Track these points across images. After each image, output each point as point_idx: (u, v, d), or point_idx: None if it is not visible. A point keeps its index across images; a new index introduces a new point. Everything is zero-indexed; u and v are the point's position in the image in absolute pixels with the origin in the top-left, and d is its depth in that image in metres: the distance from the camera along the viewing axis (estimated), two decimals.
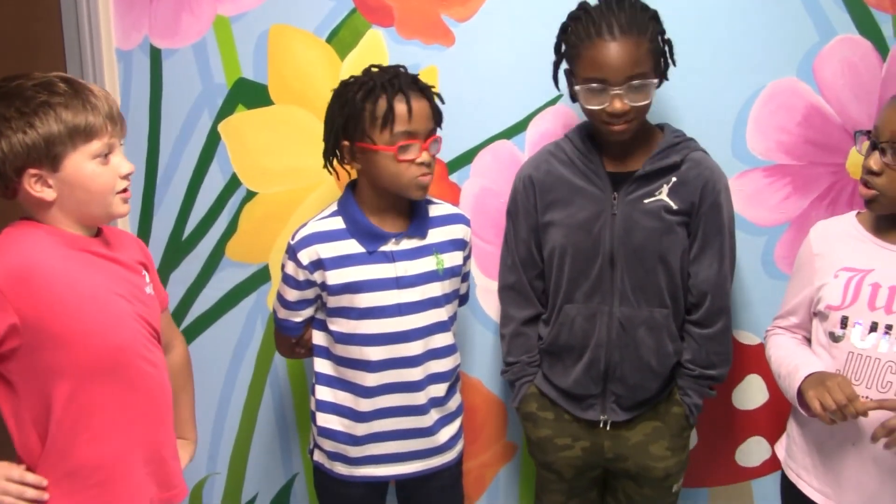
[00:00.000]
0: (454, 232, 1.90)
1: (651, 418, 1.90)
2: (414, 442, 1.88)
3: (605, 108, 1.72)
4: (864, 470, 1.67)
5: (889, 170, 1.60)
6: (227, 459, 2.38)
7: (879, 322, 1.65)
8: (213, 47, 2.15)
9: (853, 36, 1.99)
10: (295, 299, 1.87)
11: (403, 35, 2.09)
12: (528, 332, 1.96)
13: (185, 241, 2.26)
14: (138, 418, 1.55)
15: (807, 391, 1.63)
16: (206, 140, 2.20)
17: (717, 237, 1.84)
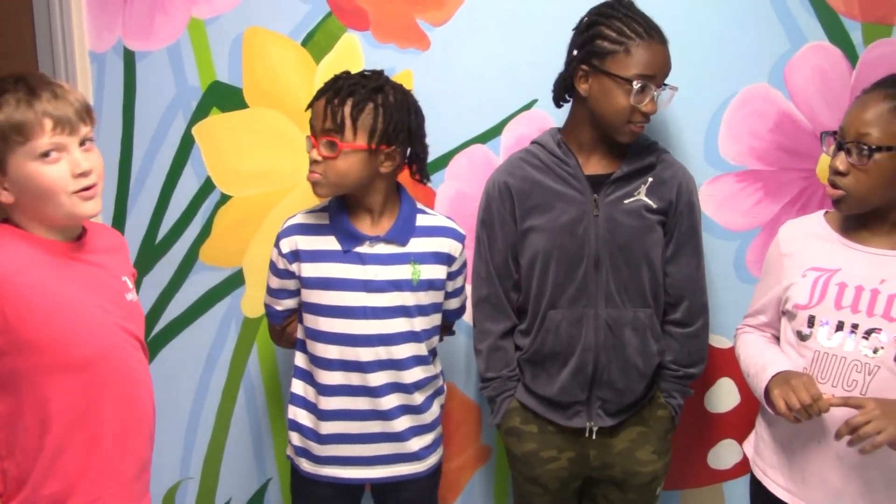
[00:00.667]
0: (439, 245, 1.87)
1: (635, 423, 1.91)
2: (382, 446, 1.87)
3: (641, 106, 1.75)
4: (828, 467, 1.70)
5: (855, 170, 1.63)
6: (201, 464, 2.36)
7: (845, 321, 1.68)
8: (187, 50, 2.14)
9: (823, 43, 2.02)
10: (276, 287, 1.89)
11: (379, 39, 2.09)
12: (505, 346, 1.95)
13: (158, 245, 2.24)
14: (119, 433, 1.52)
15: (772, 390, 1.66)
16: (179, 143, 2.18)
17: (692, 236, 1.88)
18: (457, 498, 2.33)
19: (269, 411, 2.32)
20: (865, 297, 1.67)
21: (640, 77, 1.73)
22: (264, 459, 2.35)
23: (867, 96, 1.66)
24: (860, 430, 1.54)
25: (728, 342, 2.17)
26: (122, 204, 2.23)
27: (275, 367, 2.28)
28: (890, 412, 1.55)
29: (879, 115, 1.61)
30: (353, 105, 1.73)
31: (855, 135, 1.63)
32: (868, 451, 1.55)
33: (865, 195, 1.65)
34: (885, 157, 1.61)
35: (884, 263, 1.68)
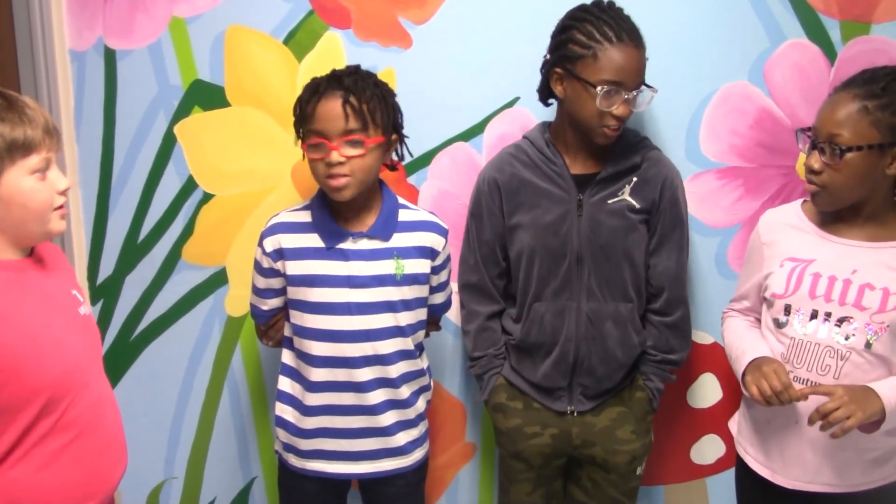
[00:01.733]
0: (422, 239, 1.88)
1: (616, 404, 1.96)
2: (368, 441, 1.89)
3: (612, 111, 1.76)
4: (806, 447, 1.77)
5: (828, 168, 1.67)
6: (185, 463, 2.36)
7: (819, 310, 1.74)
8: (168, 48, 2.13)
9: (802, 41, 2.03)
10: (262, 287, 1.90)
11: (361, 37, 2.09)
12: (492, 327, 2.01)
13: (140, 244, 2.23)
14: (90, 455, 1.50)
15: (745, 376, 1.74)
16: (161, 142, 2.18)
17: (675, 230, 1.92)
18: (441, 495, 2.34)
19: (254, 410, 2.32)
20: (838, 287, 1.73)
21: (607, 83, 1.74)
22: (249, 458, 2.35)
23: (838, 96, 1.69)
24: (830, 416, 1.61)
25: (710, 338, 2.18)
26: (103, 203, 2.22)
27: (259, 366, 2.28)
28: (858, 398, 1.63)
29: (849, 115, 1.65)
30: (369, 100, 1.75)
31: (827, 135, 1.67)
32: (839, 435, 1.62)
33: (839, 192, 1.70)
34: (857, 156, 1.65)
35: (856, 255, 1.74)
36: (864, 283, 1.71)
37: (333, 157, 1.73)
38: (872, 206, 1.73)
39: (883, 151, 1.65)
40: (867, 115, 1.64)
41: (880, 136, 1.64)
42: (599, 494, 2.01)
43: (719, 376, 2.21)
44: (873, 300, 1.70)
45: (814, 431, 1.72)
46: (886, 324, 1.69)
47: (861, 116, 1.64)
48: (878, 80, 1.66)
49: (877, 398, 1.64)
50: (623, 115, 1.77)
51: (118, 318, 2.28)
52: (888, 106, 1.63)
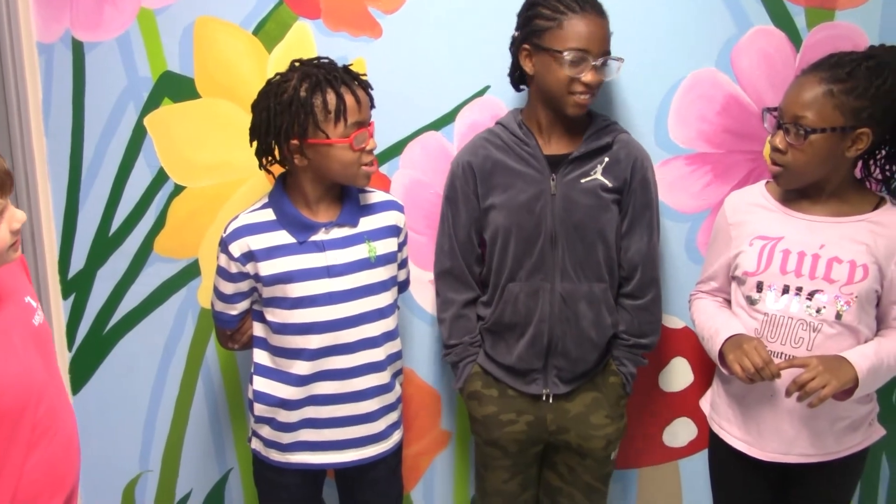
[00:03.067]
0: (387, 219, 1.91)
1: (590, 389, 1.98)
2: (353, 429, 1.89)
3: (580, 77, 1.80)
4: (781, 419, 1.83)
5: (792, 149, 1.73)
6: (160, 457, 2.35)
7: (790, 285, 1.80)
8: (137, 40, 2.12)
9: (768, 27, 2.06)
10: (231, 292, 1.88)
11: (330, 27, 2.09)
12: (468, 314, 2.02)
13: (111, 237, 2.22)
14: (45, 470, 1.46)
15: (727, 355, 1.79)
16: (131, 134, 2.17)
17: (646, 212, 1.94)
18: (417, 483, 2.36)
19: (229, 402, 2.32)
20: (807, 262, 1.79)
21: (574, 49, 1.78)
22: (224, 450, 2.35)
23: (804, 78, 1.74)
24: (807, 387, 1.67)
25: (681, 322, 2.21)
26: (73, 197, 2.20)
27: (233, 358, 2.28)
28: (832, 367, 1.69)
29: (814, 98, 1.70)
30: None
31: (792, 116, 1.72)
32: (815, 404, 1.68)
33: (802, 171, 1.76)
34: (820, 138, 1.70)
35: (822, 230, 1.80)
36: (831, 256, 1.77)
37: (372, 143, 1.81)
38: (834, 185, 1.80)
39: (845, 134, 1.71)
40: (832, 99, 1.69)
41: (843, 120, 1.69)
42: (575, 480, 2.03)
43: (690, 360, 2.23)
44: (841, 273, 1.77)
45: (789, 403, 1.79)
46: (855, 294, 1.76)
47: (826, 100, 1.69)
48: (843, 65, 1.71)
49: (850, 366, 1.71)
50: (591, 81, 1.81)
51: (90, 311, 2.27)
52: (852, 91, 1.68)
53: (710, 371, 2.11)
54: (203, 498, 2.38)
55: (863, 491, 2.29)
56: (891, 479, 2.29)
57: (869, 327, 1.82)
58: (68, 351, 2.30)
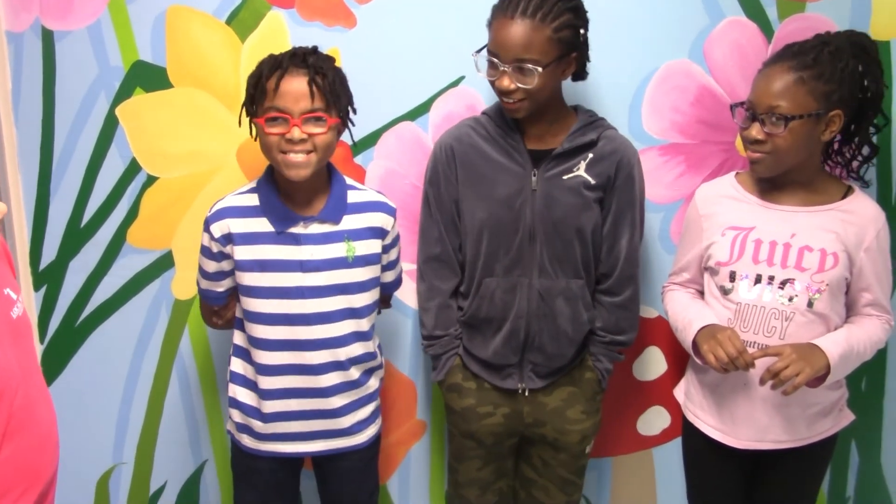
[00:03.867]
0: (372, 220, 1.88)
1: (566, 384, 1.98)
2: (317, 423, 1.90)
3: (494, 81, 1.79)
4: (755, 408, 1.87)
5: (773, 137, 1.75)
6: (134, 449, 2.34)
7: (763, 274, 1.83)
8: (108, 29, 2.09)
9: (740, 18, 2.07)
10: (214, 270, 1.88)
11: (304, 17, 2.08)
12: (452, 305, 2.01)
13: (83, 228, 2.20)
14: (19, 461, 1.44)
15: (701, 345, 1.81)
16: (103, 124, 2.14)
17: (629, 209, 1.93)
18: (394, 473, 2.36)
19: (204, 393, 2.31)
20: (779, 252, 1.83)
21: (488, 52, 1.78)
22: (199, 441, 2.34)
23: (771, 69, 1.77)
24: (781, 375, 1.70)
25: (655, 311, 2.23)
26: (44, 187, 2.18)
27: (207, 349, 2.27)
28: (805, 355, 1.73)
29: (787, 87, 1.73)
30: (332, 81, 1.76)
31: (767, 107, 1.75)
32: (790, 392, 1.71)
33: (783, 158, 1.78)
34: (798, 124, 1.74)
35: (793, 219, 1.84)
36: (802, 245, 1.81)
37: (295, 133, 1.72)
38: (805, 173, 1.83)
39: (819, 119, 1.75)
40: (804, 85, 1.73)
41: (816, 105, 1.73)
42: (549, 473, 2.04)
43: (664, 349, 2.25)
44: (812, 261, 1.80)
45: (762, 391, 1.82)
46: (826, 282, 1.80)
47: (798, 87, 1.73)
48: (807, 51, 1.75)
49: (822, 354, 1.75)
50: (501, 87, 1.77)
51: (62, 303, 2.25)
52: (821, 76, 1.73)
53: (684, 360, 2.13)
54: (178, 490, 2.38)
55: (833, 477, 2.33)
56: (860, 465, 2.33)
57: (839, 314, 1.86)
58: (40, 343, 2.28)
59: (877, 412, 2.28)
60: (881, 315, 1.88)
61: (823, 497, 2.34)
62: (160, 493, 2.38)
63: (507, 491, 2.11)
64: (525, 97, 1.78)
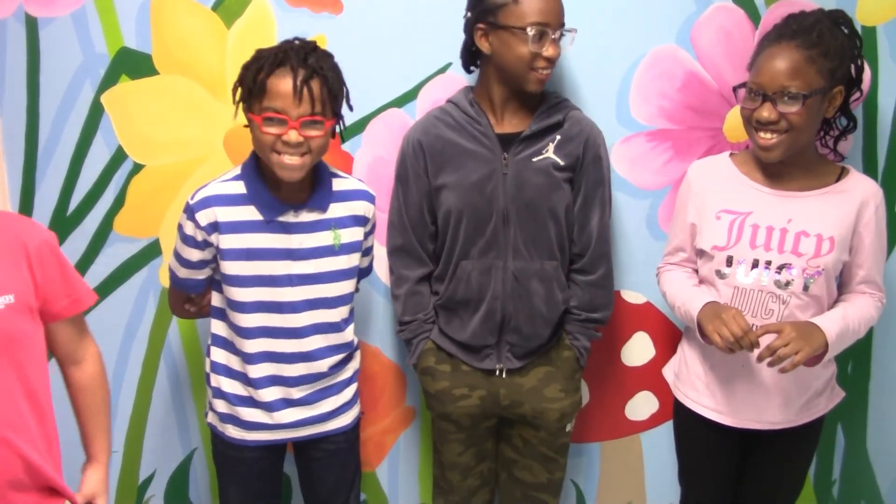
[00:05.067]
0: (356, 208, 1.89)
1: (543, 364, 2.00)
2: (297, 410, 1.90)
3: (541, 52, 1.81)
4: (753, 387, 1.88)
5: (790, 115, 1.75)
6: (123, 437, 2.34)
7: (760, 259, 1.84)
8: (93, 16, 2.08)
9: (727, 4, 2.07)
10: (197, 259, 1.85)
11: (291, 3, 2.07)
12: (422, 291, 2.03)
13: (70, 217, 2.19)
14: None
15: (706, 325, 1.81)
16: (88, 112, 2.13)
17: (598, 188, 1.96)
18: (383, 460, 2.37)
19: (192, 381, 2.31)
20: (776, 237, 1.83)
21: (534, 24, 1.79)
22: (188, 430, 2.34)
23: (777, 49, 1.76)
24: (780, 352, 1.70)
25: (642, 297, 2.23)
26: (30, 175, 2.17)
27: (195, 337, 2.27)
28: (804, 333, 1.73)
29: (798, 66, 1.74)
30: (332, 84, 1.74)
31: (779, 86, 1.74)
32: (788, 369, 1.72)
33: (798, 137, 1.78)
34: (812, 101, 1.74)
35: (789, 204, 1.84)
36: (799, 230, 1.82)
37: (292, 136, 1.71)
38: (802, 155, 1.84)
39: (824, 96, 1.77)
40: (813, 64, 1.74)
41: (823, 82, 1.75)
42: (530, 452, 2.06)
43: (652, 335, 2.26)
44: (809, 246, 1.81)
45: (761, 373, 1.84)
46: (822, 267, 1.81)
47: (808, 66, 1.74)
48: (808, 29, 1.76)
49: (820, 332, 1.76)
50: (553, 56, 1.82)
51: None
52: (826, 53, 1.74)
53: (672, 345, 2.14)
54: (167, 478, 2.38)
55: (819, 460, 2.35)
56: (845, 448, 2.34)
57: (832, 295, 1.88)
58: None
59: (862, 396, 2.29)
60: (874, 293, 1.90)
61: (809, 480, 2.35)
62: (149, 481, 2.38)
63: (488, 474, 2.12)
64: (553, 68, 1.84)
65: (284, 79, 1.70)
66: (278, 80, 1.70)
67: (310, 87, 1.70)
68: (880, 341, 2.25)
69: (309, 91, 1.70)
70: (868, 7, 2.05)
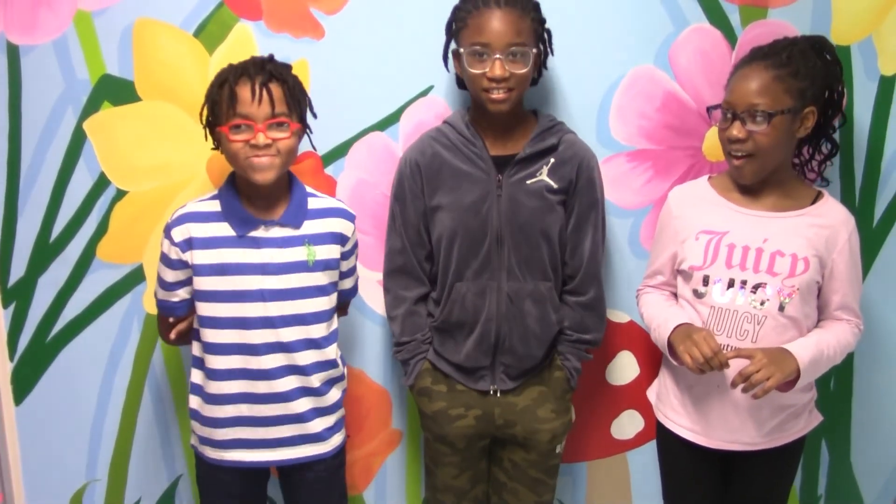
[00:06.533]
0: (332, 225, 1.89)
1: (536, 384, 2.00)
2: (283, 428, 1.89)
3: (485, 72, 1.81)
4: (728, 409, 1.89)
5: (756, 135, 1.78)
6: (107, 465, 2.32)
7: (736, 278, 1.86)
8: (74, 43, 2.08)
9: (704, 25, 2.10)
10: (172, 280, 1.87)
11: (272, 28, 2.08)
12: (419, 311, 2.03)
13: (52, 244, 2.18)
14: None
15: (677, 345, 1.82)
16: (70, 139, 2.13)
17: (591, 211, 1.96)
18: (370, 483, 2.36)
19: (177, 408, 2.29)
20: (752, 256, 1.85)
21: (473, 44, 1.81)
22: (173, 456, 2.33)
23: (748, 69, 1.81)
24: (752, 378, 1.72)
25: (627, 316, 2.24)
26: (12, 203, 2.16)
27: (180, 363, 2.26)
28: (776, 359, 1.75)
29: (766, 85, 1.77)
30: (292, 87, 1.80)
31: (747, 105, 1.78)
32: (760, 395, 1.73)
33: (766, 156, 1.81)
34: (779, 119, 1.77)
35: (766, 224, 1.86)
36: (774, 250, 1.84)
37: (260, 139, 1.75)
38: (778, 175, 1.87)
39: (795, 116, 1.79)
40: (781, 83, 1.77)
41: (792, 102, 1.78)
42: (520, 475, 2.05)
43: (636, 353, 2.27)
44: (784, 266, 1.83)
45: (735, 394, 1.84)
46: (797, 287, 1.82)
47: (776, 84, 1.77)
48: (779, 51, 1.80)
49: (792, 358, 1.77)
50: (496, 75, 1.80)
51: (32, 320, 2.23)
52: (796, 73, 1.78)
53: (656, 364, 2.15)
54: None
55: (804, 476, 2.36)
56: (830, 464, 2.36)
57: (810, 318, 1.89)
58: (10, 361, 2.25)
59: (846, 412, 2.31)
60: (851, 319, 1.91)
61: (796, 495, 2.36)
62: None
63: (482, 498, 2.12)
64: (515, 86, 1.84)
65: (245, 86, 1.76)
66: (240, 89, 1.76)
67: (269, 90, 1.75)
68: (862, 356, 2.27)
69: (269, 93, 1.75)
70: (842, 26, 2.09)
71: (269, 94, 1.75)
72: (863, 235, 1.96)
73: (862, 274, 1.95)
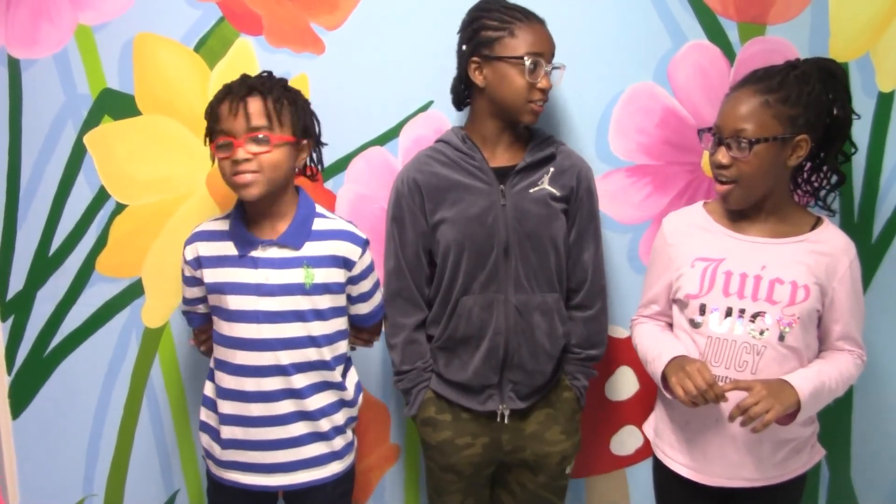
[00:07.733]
0: (336, 248, 1.86)
1: (544, 406, 1.98)
2: (279, 454, 1.86)
3: (536, 83, 1.82)
4: (726, 445, 1.82)
5: (737, 162, 1.74)
6: (104, 480, 2.31)
7: (733, 307, 1.79)
8: (75, 57, 2.09)
9: (703, 42, 2.11)
10: (190, 297, 1.92)
11: (273, 43, 2.09)
12: (419, 339, 1.98)
13: (52, 257, 2.18)
14: None
15: (670, 377, 1.76)
16: (70, 152, 2.14)
17: (591, 221, 1.96)
18: (368, 499, 2.35)
19: (175, 422, 2.29)
20: (750, 284, 1.79)
21: (530, 54, 1.81)
22: (171, 471, 2.31)
23: (737, 93, 1.77)
24: (750, 411, 1.65)
25: (625, 332, 2.24)
26: (11, 216, 2.16)
27: (178, 377, 2.25)
28: (775, 392, 1.68)
29: (752, 110, 1.73)
30: (275, 100, 1.77)
31: (732, 130, 1.74)
32: (759, 429, 1.66)
33: (750, 184, 1.77)
34: (763, 147, 1.73)
35: (764, 251, 1.80)
36: (773, 277, 1.78)
37: (239, 153, 1.74)
38: (774, 201, 1.81)
39: (785, 143, 1.74)
40: (769, 109, 1.72)
41: (781, 129, 1.73)
42: (527, 496, 2.02)
43: (635, 369, 2.26)
44: (783, 294, 1.77)
45: (734, 428, 1.77)
46: (797, 315, 1.76)
47: (763, 110, 1.72)
48: (772, 76, 1.75)
49: (792, 390, 1.70)
50: (546, 87, 1.84)
51: (30, 333, 2.22)
52: (786, 99, 1.72)
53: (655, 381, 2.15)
54: None
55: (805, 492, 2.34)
56: (830, 479, 2.35)
57: (811, 348, 1.82)
58: (7, 374, 2.24)
59: (845, 427, 2.30)
60: (853, 350, 1.84)
61: None
62: None
63: None
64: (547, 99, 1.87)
65: (224, 103, 1.77)
66: (221, 105, 1.77)
67: (245, 103, 1.75)
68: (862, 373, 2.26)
69: (244, 106, 1.74)
70: (840, 43, 2.10)
71: (245, 107, 1.74)
72: (861, 251, 1.94)
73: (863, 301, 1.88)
